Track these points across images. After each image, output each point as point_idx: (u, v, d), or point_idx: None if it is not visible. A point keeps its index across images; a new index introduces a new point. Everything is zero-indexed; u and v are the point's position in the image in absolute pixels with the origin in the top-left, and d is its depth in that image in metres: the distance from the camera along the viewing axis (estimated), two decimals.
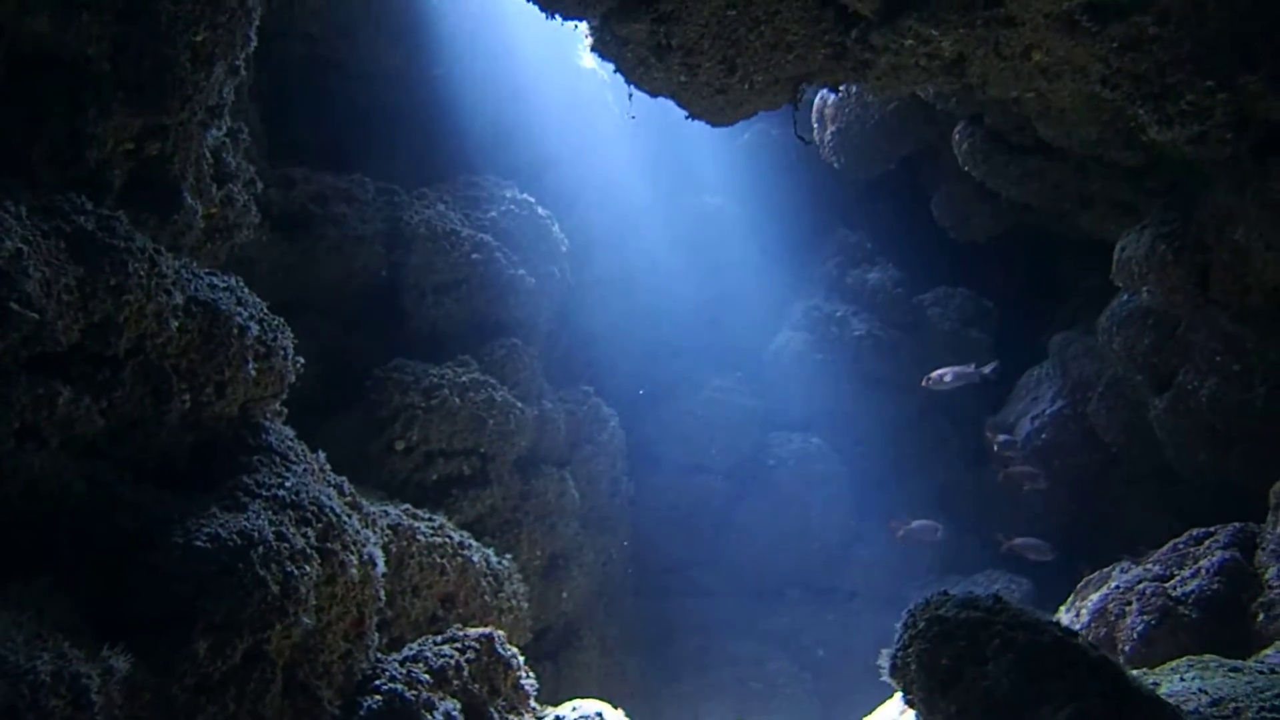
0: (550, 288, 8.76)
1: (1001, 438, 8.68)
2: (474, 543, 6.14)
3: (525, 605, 6.49)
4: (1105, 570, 7.02)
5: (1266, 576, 5.57)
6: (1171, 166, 6.73)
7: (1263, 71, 4.59)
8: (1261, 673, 4.07)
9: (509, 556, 6.67)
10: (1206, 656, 4.42)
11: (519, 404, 7.65)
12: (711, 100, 5.98)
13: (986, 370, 8.85)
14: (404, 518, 5.62)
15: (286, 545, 3.61)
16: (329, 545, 3.88)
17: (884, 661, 3.33)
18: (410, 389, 7.24)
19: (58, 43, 4.44)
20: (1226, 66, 4.58)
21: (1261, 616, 5.43)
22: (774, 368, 10.67)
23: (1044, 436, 9.27)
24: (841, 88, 7.78)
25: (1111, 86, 4.85)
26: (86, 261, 3.59)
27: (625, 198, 10.42)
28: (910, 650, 3.20)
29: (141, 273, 3.77)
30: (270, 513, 3.77)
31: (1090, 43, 4.65)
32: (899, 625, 3.35)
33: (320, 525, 3.91)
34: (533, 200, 8.92)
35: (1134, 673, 4.55)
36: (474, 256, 8.07)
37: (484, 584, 5.91)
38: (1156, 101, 4.75)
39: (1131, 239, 6.77)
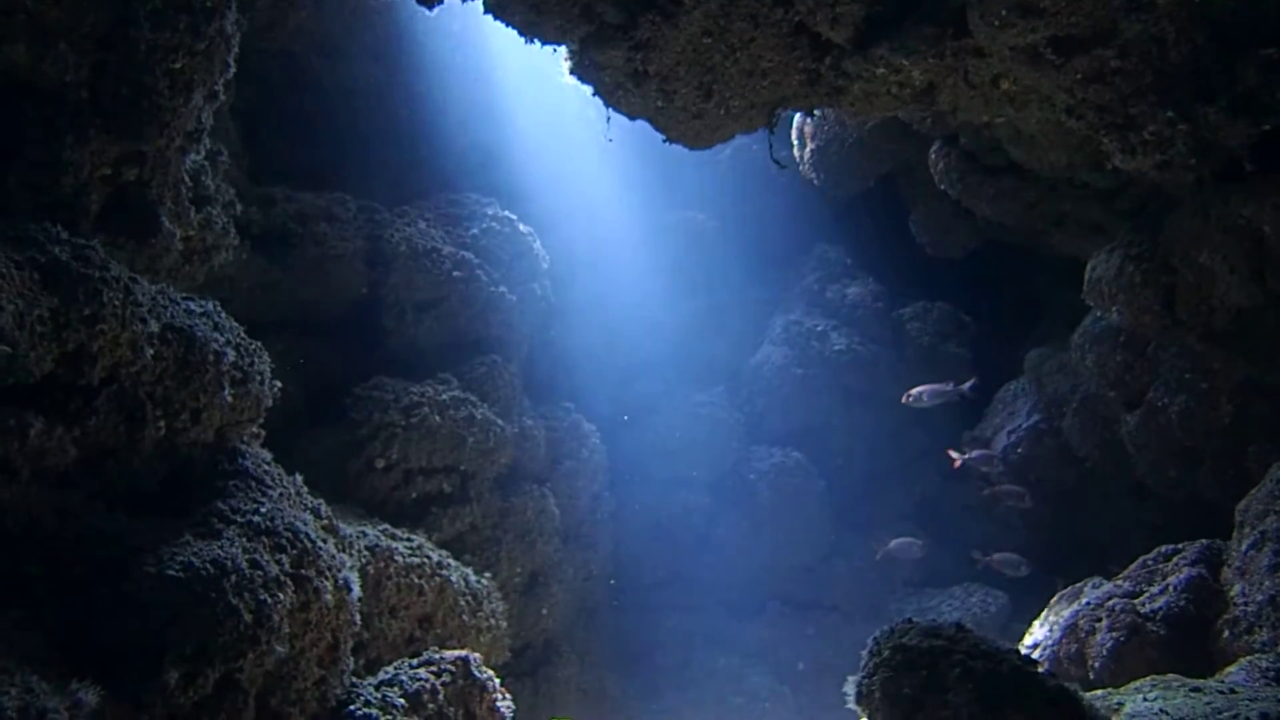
0: (531, 305, 8.81)
1: (974, 454, 8.76)
2: (452, 562, 6.17)
3: (504, 624, 6.52)
4: (1077, 585, 7.12)
5: (1232, 594, 5.67)
6: (1140, 189, 6.87)
7: (1221, 102, 4.70)
8: (1221, 692, 4.15)
9: (488, 575, 6.69)
10: (1169, 676, 4.51)
11: (499, 421, 7.68)
12: (688, 125, 6.05)
13: (965, 387, 8.94)
14: (382, 538, 5.65)
15: (260, 573, 3.63)
16: (303, 572, 3.91)
17: (850, 689, 3.39)
18: (390, 407, 7.27)
19: (35, 71, 4.47)
20: (1186, 98, 4.70)
21: (1226, 633, 5.53)
22: (755, 382, 10.74)
23: (1020, 451, 9.39)
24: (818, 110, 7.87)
25: (1077, 116, 4.95)
26: (61, 292, 3.62)
27: (607, 214, 10.49)
28: (875, 678, 3.26)
29: (116, 301, 3.79)
30: (244, 540, 3.79)
31: (1055, 74, 4.76)
32: (864, 652, 3.41)
33: (295, 551, 3.94)
34: (514, 217, 8.97)
35: (1099, 693, 4.64)
36: (455, 274, 8.11)
37: (462, 604, 5.93)
38: (1120, 131, 4.86)
39: (1101, 260, 6.89)
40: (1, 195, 4.41)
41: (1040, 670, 3.15)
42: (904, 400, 8.89)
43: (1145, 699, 4.25)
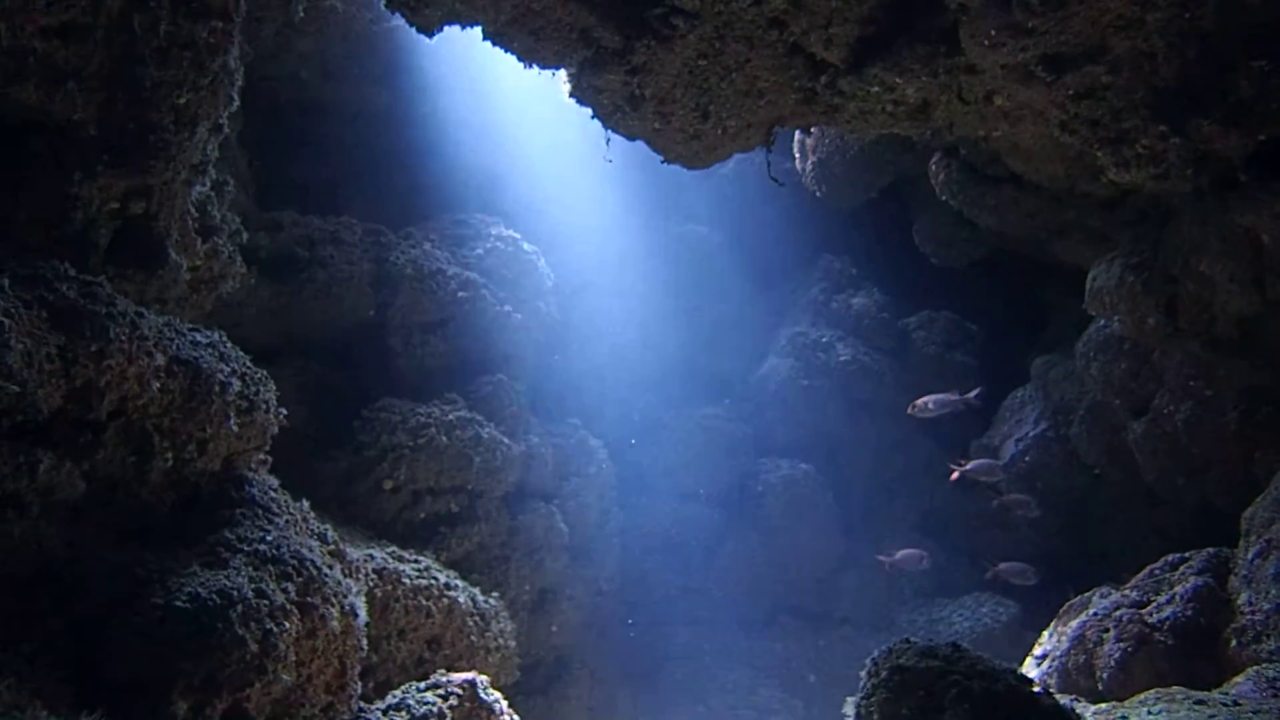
0: (537, 323, 8.88)
1: (972, 465, 8.72)
2: (460, 583, 6.22)
3: (512, 644, 6.56)
4: (1086, 595, 7.11)
5: (1239, 602, 5.65)
6: (1141, 198, 6.87)
7: (1214, 115, 4.72)
8: (1225, 704, 4.15)
9: (496, 595, 6.74)
10: (1173, 689, 4.51)
11: (506, 440, 7.74)
12: (686, 145, 6.11)
13: (971, 396, 8.92)
14: (389, 561, 5.71)
15: (266, 602, 3.70)
16: (309, 599, 3.97)
17: (849, 709, 3.42)
18: (398, 428, 7.34)
19: (44, 109, 4.57)
20: (1179, 111, 4.71)
21: (1234, 642, 5.51)
22: (761, 395, 10.76)
23: (1028, 459, 9.36)
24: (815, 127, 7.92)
25: (1070, 131, 4.98)
26: (68, 329, 3.70)
27: (611, 229, 10.55)
28: (873, 699, 3.28)
29: (123, 337, 3.87)
30: (251, 569, 3.86)
31: (1047, 91, 4.79)
32: (863, 673, 3.44)
33: (301, 579, 4.00)
34: (518, 236, 9.05)
35: (1104, 707, 4.65)
36: (460, 295, 8.19)
37: (470, 624, 5.98)
38: (1113, 145, 4.88)
39: (1102, 269, 6.90)
40: (13, 230, 4.52)
41: (1036, 689, 3.16)
42: (910, 411, 8.89)
43: (1150, 712, 4.26)
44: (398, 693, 4.63)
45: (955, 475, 8.67)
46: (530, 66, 6.25)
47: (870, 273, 11.52)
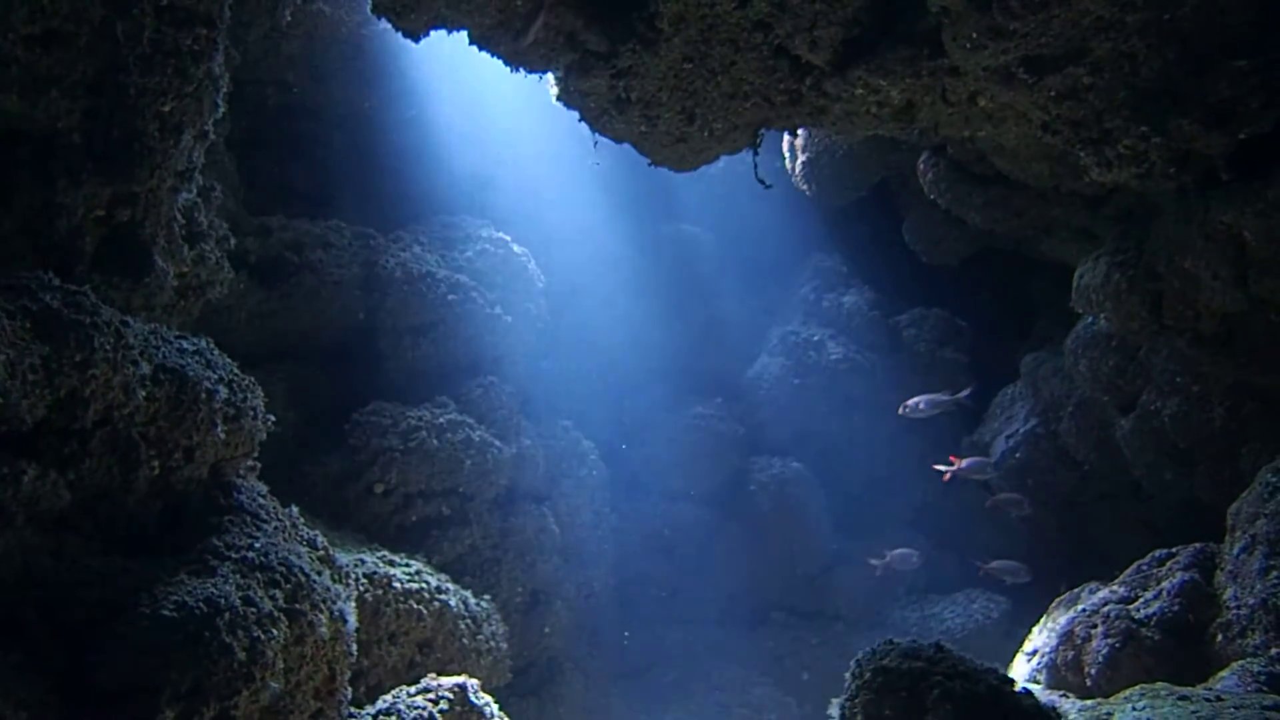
0: (527, 325, 8.88)
1: (963, 464, 8.74)
2: (451, 586, 6.23)
3: (504, 646, 6.57)
4: (1075, 591, 7.14)
5: (1224, 598, 5.69)
6: (1126, 195, 6.91)
7: (1195, 114, 4.76)
8: (1208, 700, 4.18)
9: (488, 597, 6.75)
10: (1158, 685, 4.54)
11: (497, 443, 7.75)
12: (673, 148, 6.14)
13: (962, 396, 8.95)
14: (380, 565, 5.72)
15: (254, 610, 3.71)
16: (297, 606, 3.97)
17: (834, 711, 3.44)
18: (388, 431, 7.35)
19: (27, 118, 4.57)
20: (1160, 112, 4.75)
21: (1220, 637, 5.55)
22: (753, 394, 10.79)
23: (1018, 455, 9.41)
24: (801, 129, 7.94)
25: (1052, 132, 5.01)
26: (53, 339, 3.70)
27: (603, 230, 10.57)
28: (857, 700, 3.31)
29: (108, 346, 3.88)
30: (238, 576, 3.87)
31: (1029, 93, 4.82)
32: (848, 674, 3.47)
33: (289, 586, 4.01)
34: (508, 239, 9.05)
35: (1089, 703, 4.68)
36: (450, 297, 8.19)
37: (462, 627, 6.00)
38: (1095, 146, 4.92)
39: (1089, 267, 6.93)
40: None
41: (1018, 689, 3.19)
42: (901, 411, 8.90)
43: (1134, 708, 4.29)
44: (388, 697, 4.65)
45: (947, 475, 8.69)
46: (517, 70, 6.27)
47: (860, 271, 11.56)
